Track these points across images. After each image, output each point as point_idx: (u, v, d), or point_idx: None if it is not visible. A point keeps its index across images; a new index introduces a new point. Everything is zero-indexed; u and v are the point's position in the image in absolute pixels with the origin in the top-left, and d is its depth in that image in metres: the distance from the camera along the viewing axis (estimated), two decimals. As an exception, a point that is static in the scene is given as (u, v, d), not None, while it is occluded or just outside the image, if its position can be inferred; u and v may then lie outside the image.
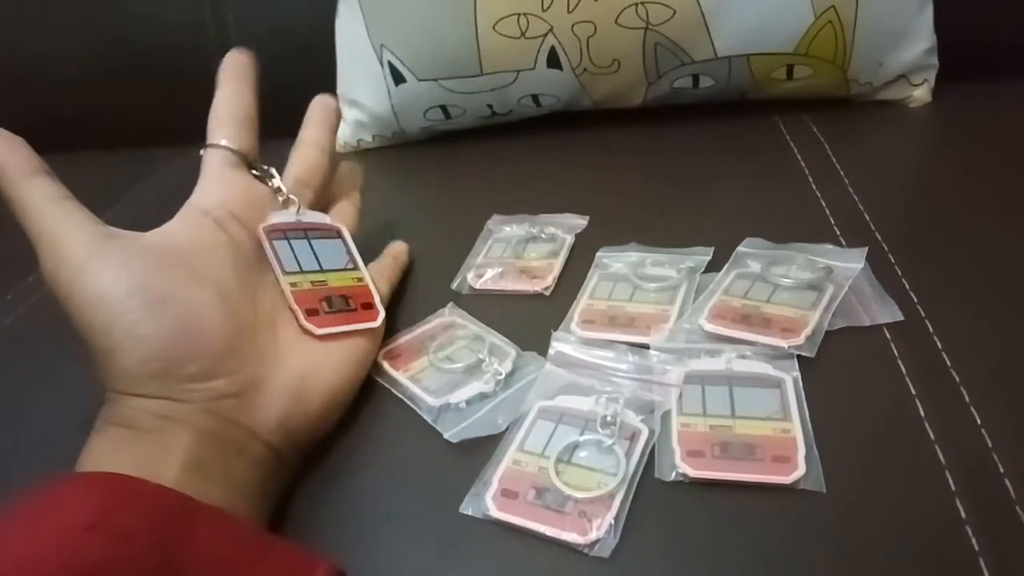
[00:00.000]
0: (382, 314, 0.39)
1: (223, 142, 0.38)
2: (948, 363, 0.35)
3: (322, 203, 0.43)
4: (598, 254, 0.46)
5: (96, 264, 0.31)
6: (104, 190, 0.67)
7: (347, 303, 0.39)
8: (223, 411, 0.31)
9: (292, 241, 0.38)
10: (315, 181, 0.42)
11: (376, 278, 0.41)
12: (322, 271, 0.39)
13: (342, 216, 0.43)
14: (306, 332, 0.36)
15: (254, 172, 0.39)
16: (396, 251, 0.47)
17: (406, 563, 0.30)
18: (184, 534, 0.25)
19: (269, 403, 0.33)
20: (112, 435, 0.29)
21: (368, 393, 0.38)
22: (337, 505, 0.33)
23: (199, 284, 0.33)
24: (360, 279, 0.40)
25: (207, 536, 0.26)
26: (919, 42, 0.61)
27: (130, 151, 0.77)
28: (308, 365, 0.35)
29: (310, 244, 0.39)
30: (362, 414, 0.37)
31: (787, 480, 0.30)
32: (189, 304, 0.32)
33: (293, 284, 0.37)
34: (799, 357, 0.35)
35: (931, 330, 0.37)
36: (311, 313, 0.37)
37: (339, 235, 0.41)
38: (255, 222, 0.37)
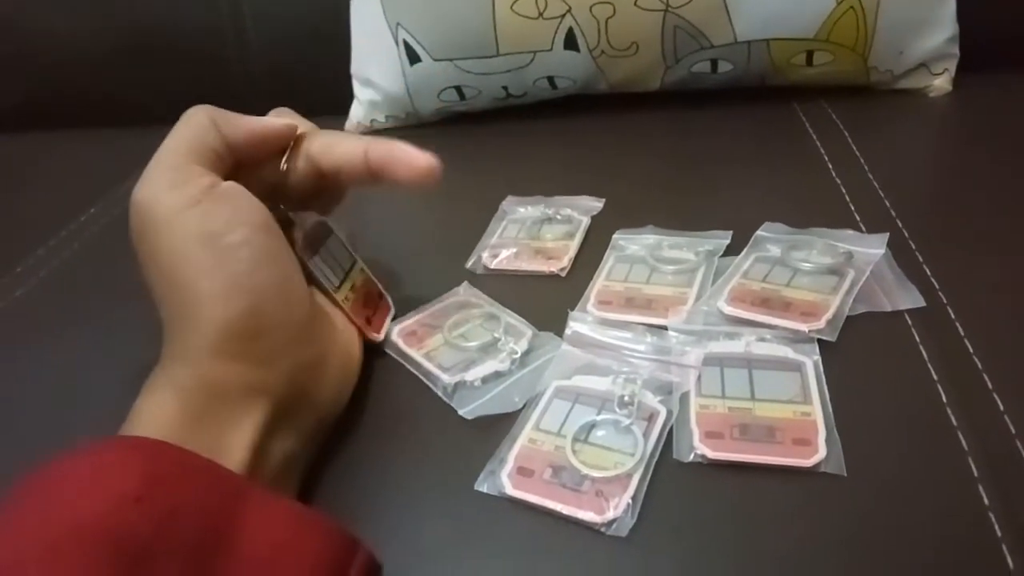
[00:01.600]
0: (389, 298, 0.41)
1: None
2: (970, 349, 0.34)
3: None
4: (615, 236, 0.46)
5: (218, 198, 0.31)
6: (113, 167, 0.67)
7: (371, 297, 0.40)
8: (301, 382, 0.31)
9: (319, 253, 0.38)
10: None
11: None
12: (345, 275, 0.39)
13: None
14: (369, 341, 0.38)
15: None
16: None
17: (421, 540, 0.29)
18: (233, 513, 0.24)
19: (332, 375, 0.33)
20: (184, 400, 0.28)
21: (383, 370, 0.38)
22: (352, 481, 0.32)
23: (291, 252, 0.33)
24: (362, 269, 0.41)
25: (255, 517, 0.25)
26: (941, 31, 0.60)
27: (141, 129, 0.76)
28: (348, 338, 0.36)
29: (329, 251, 0.39)
30: (377, 391, 0.37)
31: (807, 463, 0.29)
32: (288, 267, 0.32)
33: (345, 298, 0.38)
34: (820, 341, 0.35)
35: (953, 316, 0.36)
36: (368, 321, 0.38)
37: (330, 230, 0.40)
38: None
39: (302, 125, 0.37)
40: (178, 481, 0.24)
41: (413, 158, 0.36)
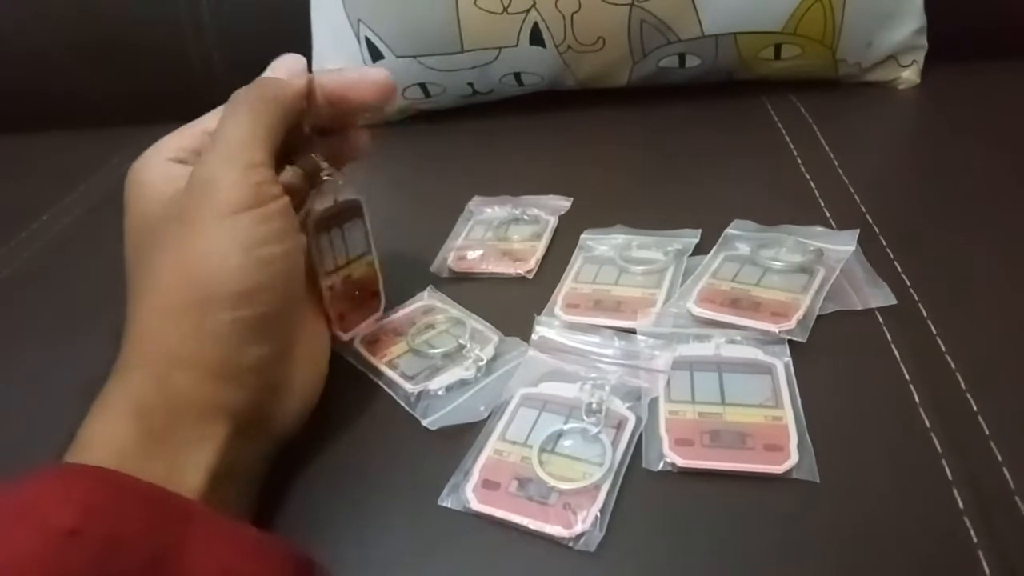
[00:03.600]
0: (383, 302, 0.39)
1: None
2: (943, 348, 0.34)
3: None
4: (582, 236, 0.45)
5: (276, 210, 0.30)
6: (69, 170, 0.65)
7: (360, 294, 0.38)
8: (264, 400, 0.30)
9: (331, 231, 0.36)
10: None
11: None
12: (348, 262, 0.37)
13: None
14: (334, 339, 0.36)
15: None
16: None
17: (382, 557, 0.28)
18: (179, 540, 0.23)
19: (296, 387, 0.32)
20: (144, 420, 0.27)
21: (344, 380, 0.36)
22: (310, 496, 0.31)
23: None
24: (371, 263, 0.39)
25: (203, 542, 0.23)
26: (909, 22, 0.60)
27: (94, 131, 0.74)
28: (315, 354, 0.34)
29: (342, 232, 0.37)
30: (337, 402, 0.35)
31: (779, 470, 0.29)
32: (302, 290, 0.33)
33: (330, 287, 0.36)
34: (790, 342, 0.34)
35: (925, 314, 0.36)
36: (340, 317, 0.37)
37: (360, 212, 0.38)
38: None
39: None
40: (119, 510, 0.23)
41: (370, 73, 0.36)
